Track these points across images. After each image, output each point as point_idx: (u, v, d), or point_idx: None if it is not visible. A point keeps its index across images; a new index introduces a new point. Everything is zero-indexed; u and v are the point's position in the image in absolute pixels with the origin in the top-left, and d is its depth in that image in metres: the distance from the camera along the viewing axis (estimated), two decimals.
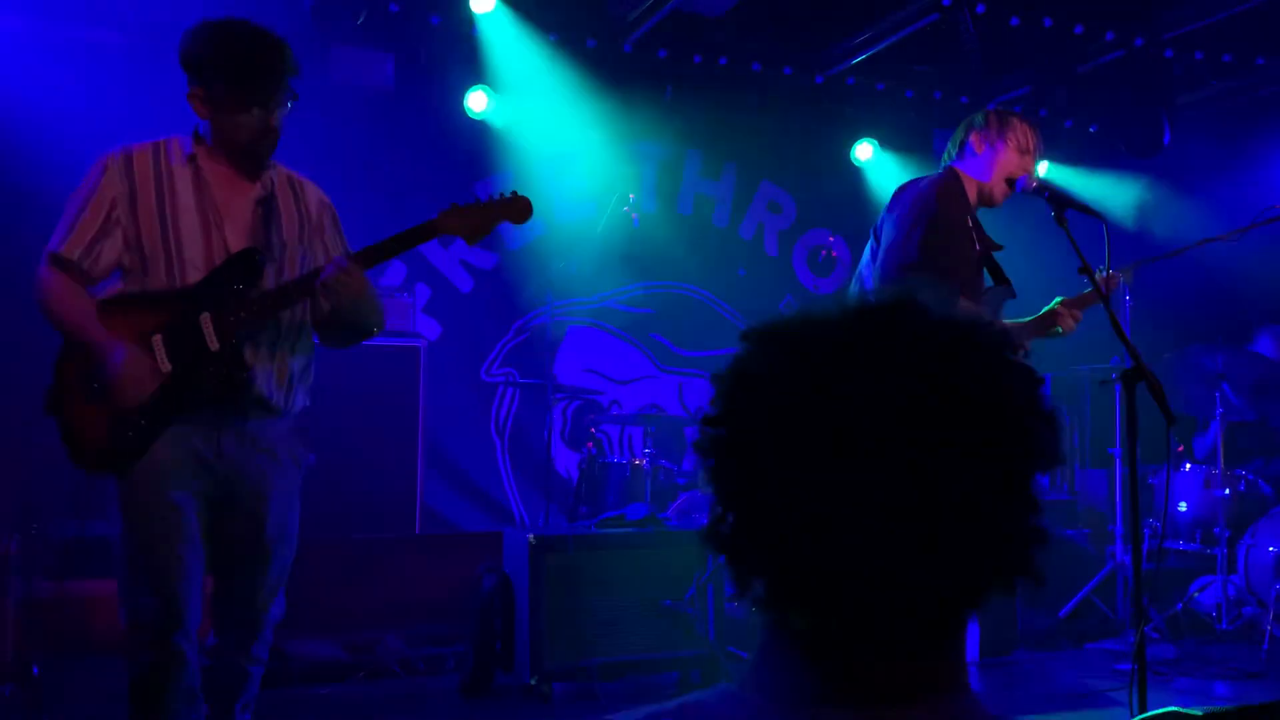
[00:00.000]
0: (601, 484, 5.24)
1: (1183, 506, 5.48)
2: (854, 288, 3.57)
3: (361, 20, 5.34)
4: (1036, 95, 6.37)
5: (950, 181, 3.33)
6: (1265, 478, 5.51)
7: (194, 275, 2.50)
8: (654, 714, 0.85)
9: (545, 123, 6.09)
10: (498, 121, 6.04)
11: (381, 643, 4.45)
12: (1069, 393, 6.58)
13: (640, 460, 5.17)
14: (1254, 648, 4.72)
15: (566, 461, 6.24)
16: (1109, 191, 6.67)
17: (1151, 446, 4.63)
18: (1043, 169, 6.46)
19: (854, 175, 6.87)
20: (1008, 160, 3.35)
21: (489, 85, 5.89)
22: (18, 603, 3.84)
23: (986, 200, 3.42)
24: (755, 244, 6.93)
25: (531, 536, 4.03)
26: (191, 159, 2.55)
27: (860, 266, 3.53)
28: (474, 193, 6.19)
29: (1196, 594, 5.18)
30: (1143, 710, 2.50)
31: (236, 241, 2.55)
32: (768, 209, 6.97)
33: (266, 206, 2.60)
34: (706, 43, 6.05)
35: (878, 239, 3.41)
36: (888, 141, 6.79)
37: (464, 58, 5.73)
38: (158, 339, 2.48)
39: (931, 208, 3.21)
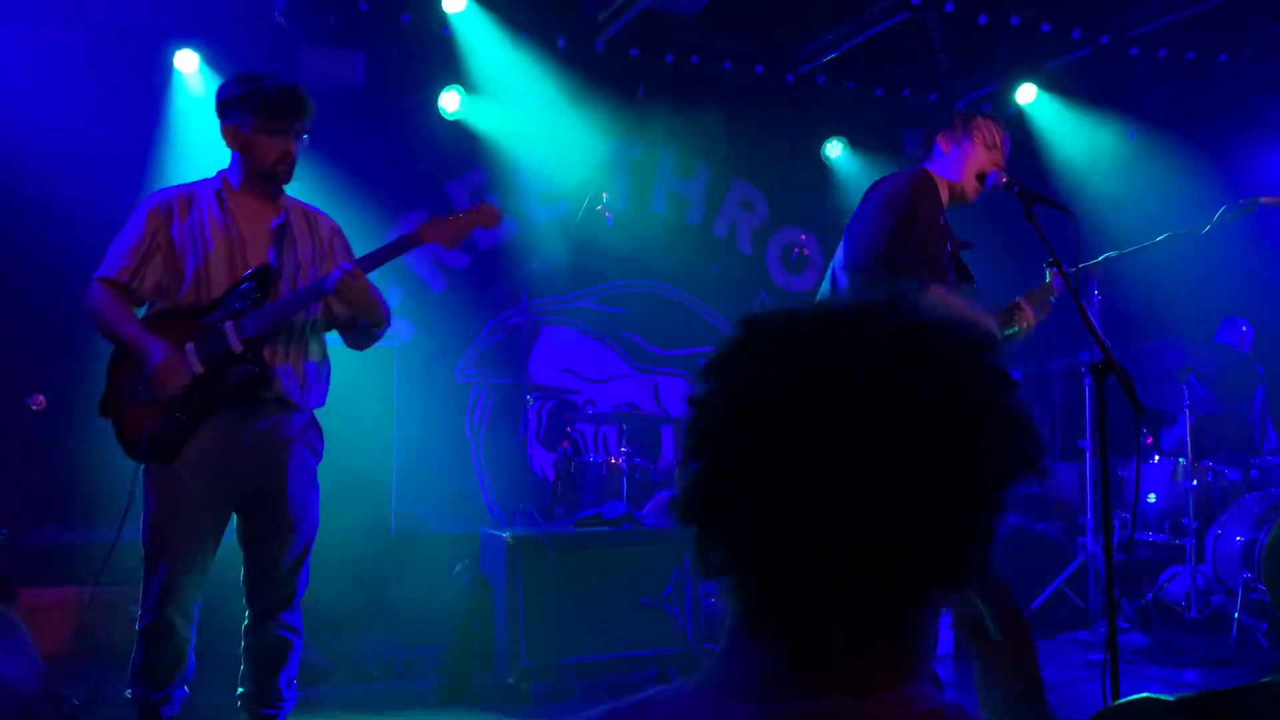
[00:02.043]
0: (578, 483, 5.24)
1: (1152, 498, 5.56)
2: (826, 286, 3.58)
3: (332, 20, 5.30)
4: (1004, 92, 6.43)
5: (923, 178, 3.36)
6: (1232, 468, 5.59)
7: (219, 291, 2.90)
8: (612, 711, 0.85)
9: (517, 122, 6.07)
10: (470, 121, 6.03)
11: (358, 645, 4.43)
12: (1039, 386, 6.65)
13: (616, 459, 5.17)
14: (1223, 636, 4.79)
15: (542, 461, 6.24)
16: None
17: (1121, 439, 4.69)
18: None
19: (825, 173, 6.91)
20: (976, 157, 3.39)
21: (461, 85, 5.88)
22: None
23: (959, 198, 3.46)
24: (729, 242, 6.95)
25: (508, 536, 4.03)
26: (218, 194, 2.98)
27: (833, 265, 3.54)
28: (445, 192, 6.18)
29: (1166, 584, 5.26)
30: (1116, 699, 2.54)
31: (256, 261, 2.94)
32: (741, 207, 6.99)
33: (281, 231, 2.99)
34: (678, 42, 6.06)
35: (851, 236, 3.43)
36: (858, 139, 6.83)
37: (435, 57, 5.70)
38: (190, 346, 2.86)
39: (905, 201, 3.23)
